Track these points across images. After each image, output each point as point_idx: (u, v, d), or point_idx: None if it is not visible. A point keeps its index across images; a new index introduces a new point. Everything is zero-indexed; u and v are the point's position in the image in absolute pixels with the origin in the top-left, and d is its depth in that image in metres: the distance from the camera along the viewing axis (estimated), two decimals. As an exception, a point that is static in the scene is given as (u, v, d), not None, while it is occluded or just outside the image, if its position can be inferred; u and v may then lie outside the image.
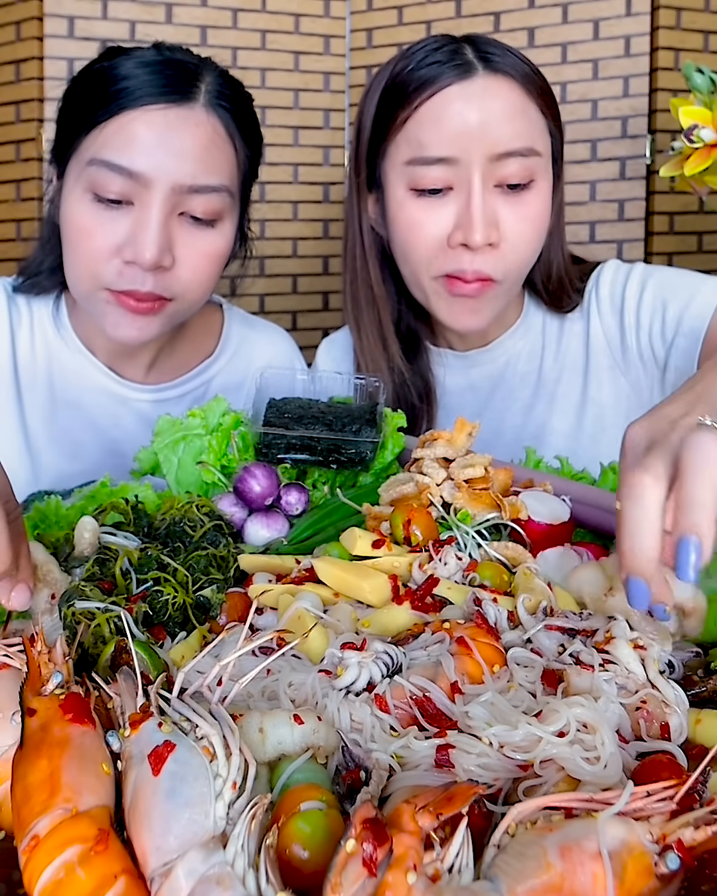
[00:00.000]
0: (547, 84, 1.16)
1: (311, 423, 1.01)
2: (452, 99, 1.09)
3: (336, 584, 0.76)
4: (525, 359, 1.32)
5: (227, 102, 1.11)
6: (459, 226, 1.11)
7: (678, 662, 0.67)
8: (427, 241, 1.14)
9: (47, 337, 1.26)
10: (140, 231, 1.06)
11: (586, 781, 0.53)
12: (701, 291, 1.16)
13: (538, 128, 1.14)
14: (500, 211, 1.12)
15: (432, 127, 1.10)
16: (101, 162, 1.06)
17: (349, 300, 1.29)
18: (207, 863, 0.44)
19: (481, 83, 1.10)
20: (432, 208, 1.13)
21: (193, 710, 0.53)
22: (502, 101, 1.10)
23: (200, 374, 1.34)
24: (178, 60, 1.10)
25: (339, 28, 2.35)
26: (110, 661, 0.68)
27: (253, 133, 1.17)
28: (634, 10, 2.15)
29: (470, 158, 1.09)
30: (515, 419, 1.32)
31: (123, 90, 1.06)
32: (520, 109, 1.11)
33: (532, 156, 1.12)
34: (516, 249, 1.14)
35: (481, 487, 0.88)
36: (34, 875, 0.45)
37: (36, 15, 2.14)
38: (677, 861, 0.45)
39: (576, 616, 0.70)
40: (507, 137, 1.09)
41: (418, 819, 0.45)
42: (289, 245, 2.39)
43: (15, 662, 0.61)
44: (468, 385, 1.34)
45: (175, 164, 1.06)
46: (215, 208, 1.11)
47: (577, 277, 1.29)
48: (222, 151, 1.11)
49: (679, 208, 2.20)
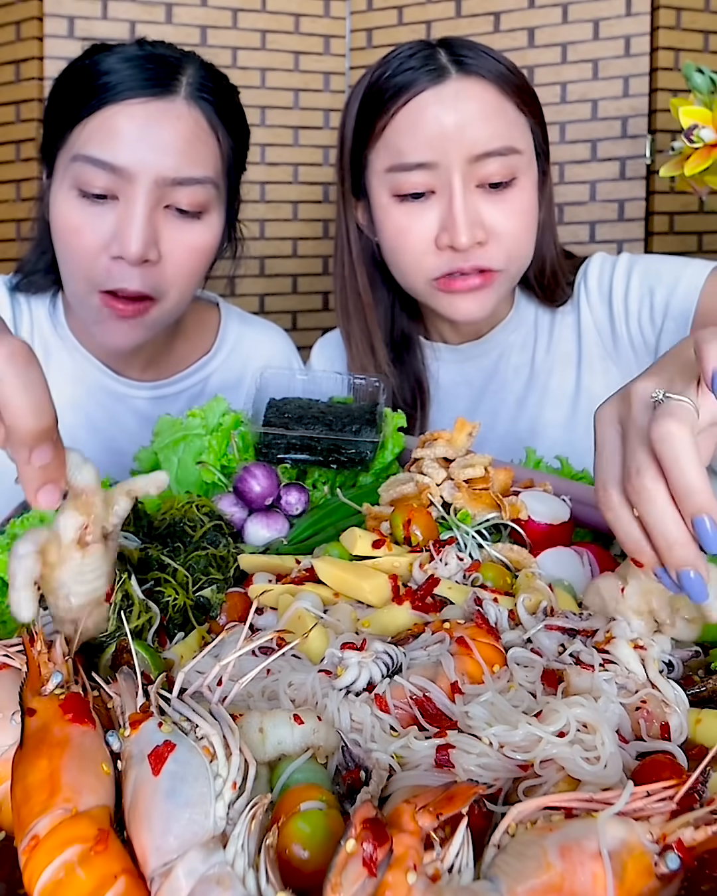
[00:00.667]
0: (526, 81, 1.16)
1: (311, 423, 1.01)
2: (426, 104, 1.10)
3: (336, 584, 0.76)
4: (518, 351, 1.32)
5: (209, 94, 1.11)
6: (444, 228, 1.12)
7: (678, 662, 0.67)
8: (415, 246, 1.15)
9: (45, 335, 1.26)
10: (125, 225, 1.06)
11: (586, 781, 0.53)
12: (686, 274, 1.17)
13: (517, 126, 1.14)
14: (484, 210, 1.12)
15: (409, 133, 1.11)
16: (84, 157, 1.06)
17: (339, 307, 1.30)
18: (207, 863, 0.44)
19: (454, 86, 1.10)
20: (415, 213, 1.14)
21: (194, 710, 0.53)
22: (477, 102, 1.11)
23: (198, 371, 1.34)
24: (159, 55, 1.11)
25: (339, 28, 2.35)
26: (111, 660, 0.68)
27: (237, 125, 1.17)
28: (634, 10, 2.15)
29: (449, 161, 1.10)
30: (508, 412, 1.32)
31: (105, 85, 1.06)
32: (496, 109, 1.12)
33: (512, 154, 1.12)
34: (508, 244, 1.15)
35: (481, 487, 0.88)
36: (34, 875, 0.45)
37: (36, 15, 2.14)
38: (677, 861, 0.45)
39: (576, 616, 0.70)
40: (484, 138, 1.10)
41: (418, 819, 0.45)
42: (289, 245, 2.39)
43: (15, 662, 0.61)
44: (463, 379, 1.35)
45: (157, 156, 1.06)
46: (200, 200, 1.11)
47: (569, 271, 1.29)
48: (205, 143, 1.11)
49: (679, 208, 2.20)
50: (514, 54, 2.19)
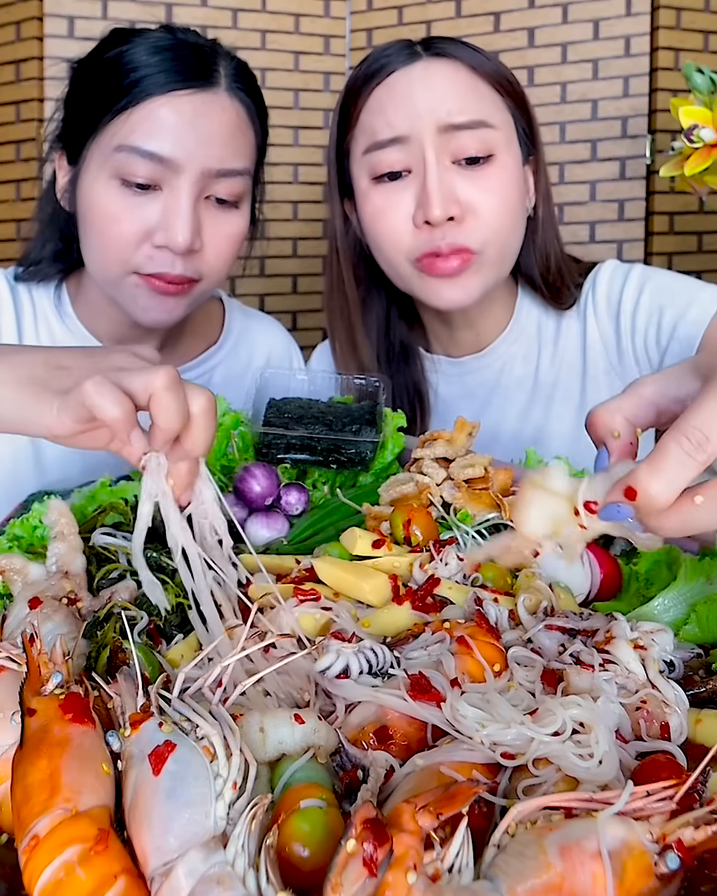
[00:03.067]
0: (504, 70, 1.17)
1: (311, 423, 1.01)
2: (396, 82, 1.13)
3: (336, 584, 0.76)
4: (521, 362, 1.31)
5: (244, 86, 1.14)
6: (419, 204, 1.12)
7: (678, 662, 0.67)
8: (394, 225, 1.15)
9: (50, 325, 1.26)
10: (172, 216, 1.08)
11: (583, 780, 0.53)
12: (699, 299, 1.16)
13: (491, 103, 1.14)
14: (459, 186, 1.12)
15: (380, 111, 1.13)
16: (130, 148, 1.07)
17: (326, 306, 1.31)
18: (207, 862, 0.44)
19: (423, 65, 1.13)
20: (393, 192, 1.14)
21: (194, 710, 0.53)
22: (446, 78, 1.12)
23: (205, 362, 1.36)
24: (192, 43, 1.13)
25: (339, 28, 2.35)
26: (107, 662, 0.68)
27: (264, 114, 1.21)
28: (634, 10, 2.15)
29: (420, 134, 1.11)
30: (511, 424, 1.31)
31: (146, 76, 1.07)
32: (467, 86, 1.13)
33: (483, 128, 1.12)
34: (485, 221, 1.14)
35: (481, 487, 0.88)
36: (34, 875, 0.45)
37: (36, 15, 2.14)
38: (677, 861, 0.45)
39: (576, 616, 0.70)
40: (454, 110, 1.11)
41: (419, 819, 0.45)
42: (289, 245, 2.39)
43: (14, 664, 0.61)
44: (464, 392, 1.33)
45: (204, 149, 1.08)
46: (238, 191, 1.14)
47: (578, 274, 1.28)
48: (245, 135, 1.14)
49: (679, 208, 2.20)
50: (514, 54, 2.19)
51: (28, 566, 0.78)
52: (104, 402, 0.63)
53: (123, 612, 0.71)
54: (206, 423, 0.68)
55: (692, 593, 0.76)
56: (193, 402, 0.67)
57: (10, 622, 0.71)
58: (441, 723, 0.57)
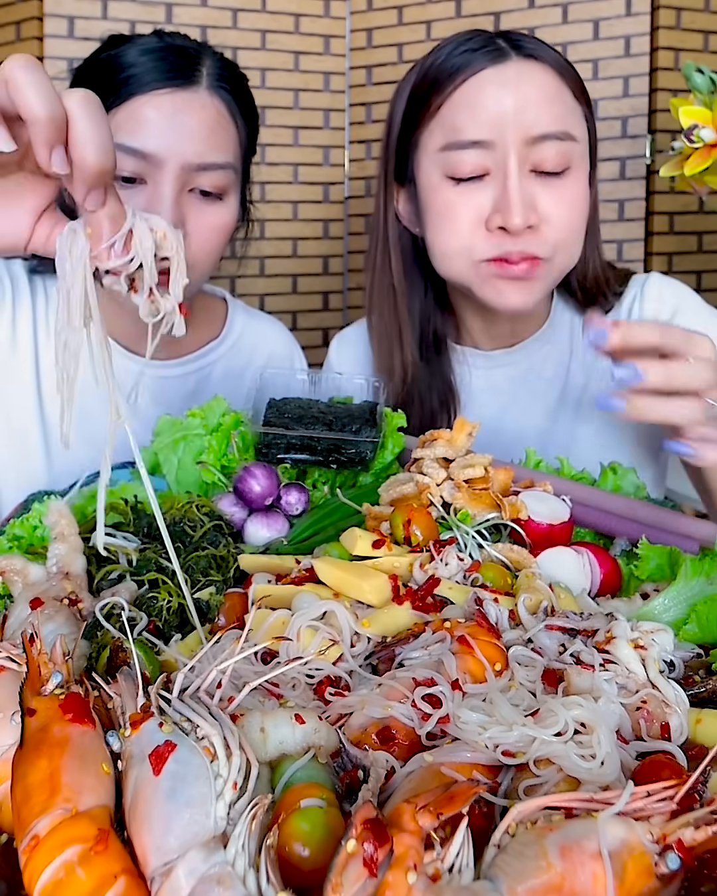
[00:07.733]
0: (580, 77, 1.15)
1: (311, 423, 1.01)
2: (486, 83, 1.09)
3: (336, 584, 0.76)
4: (553, 364, 1.29)
5: (227, 84, 1.17)
6: (497, 209, 1.09)
7: (678, 662, 0.67)
8: (465, 225, 1.12)
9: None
10: (154, 207, 1.11)
11: (584, 780, 0.53)
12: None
13: (574, 114, 1.12)
14: (537, 194, 1.10)
15: (467, 111, 1.10)
16: (115, 145, 1.08)
17: (368, 300, 1.28)
18: (207, 863, 0.44)
19: (515, 67, 1.09)
20: (467, 192, 1.11)
21: (194, 710, 0.52)
22: (537, 85, 1.09)
23: (206, 355, 1.37)
24: (179, 46, 1.17)
25: (339, 28, 2.35)
26: (107, 662, 0.68)
27: (251, 111, 1.24)
28: (634, 10, 2.15)
29: (506, 141, 1.08)
30: (537, 425, 1.30)
31: (131, 77, 1.12)
32: (555, 93, 1.10)
33: (568, 140, 1.10)
34: (558, 230, 1.12)
35: (481, 487, 0.88)
36: (34, 875, 0.45)
37: (36, 15, 2.14)
38: (677, 861, 0.45)
39: (577, 616, 0.70)
40: (544, 121, 1.08)
41: (419, 819, 0.45)
42: (289, 245, 2.39)
43: (14, 665, 0.61)
44: (488, 385, 1.32)
45: (184, 144, 1.12)
46: (222, 184, 1.17)
47: (614, 281, 1.27)
48: (226, 131, 1.17)
49: (679, 208, 2.21)
50: (514, 54, 2.19)
51: (28, 567, 0.78)
52: None
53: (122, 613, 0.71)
54: (89, 120, 0.60)
55: (692, 593, 0.76)
56: (67, 99, 0.60)
57: (11, 623, 0.71)
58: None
